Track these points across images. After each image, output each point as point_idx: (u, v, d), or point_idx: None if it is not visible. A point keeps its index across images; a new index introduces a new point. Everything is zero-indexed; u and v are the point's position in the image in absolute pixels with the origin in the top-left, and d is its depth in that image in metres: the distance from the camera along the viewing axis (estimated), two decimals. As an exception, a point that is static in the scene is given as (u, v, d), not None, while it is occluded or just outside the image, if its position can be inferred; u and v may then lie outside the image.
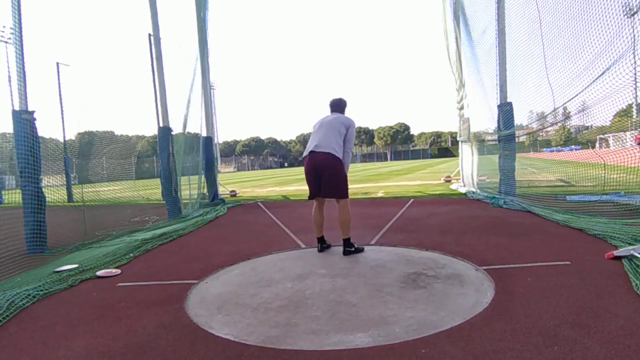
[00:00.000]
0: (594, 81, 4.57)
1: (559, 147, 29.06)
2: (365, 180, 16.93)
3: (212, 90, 12.50)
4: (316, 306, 2.62)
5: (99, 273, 3.69)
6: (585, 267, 3.02)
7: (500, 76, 7.39)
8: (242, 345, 2.12)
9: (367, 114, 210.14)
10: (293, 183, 17.82)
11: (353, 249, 3.83)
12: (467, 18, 8.85)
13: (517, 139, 7.47)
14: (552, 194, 7.11)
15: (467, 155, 10.10)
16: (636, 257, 2.95)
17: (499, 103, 7.45)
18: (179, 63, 9.10)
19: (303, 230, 5.25)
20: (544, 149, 31.48)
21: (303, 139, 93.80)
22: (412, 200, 8.15)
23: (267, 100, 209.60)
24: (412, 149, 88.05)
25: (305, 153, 3.99)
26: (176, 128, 7.85)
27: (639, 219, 4.38)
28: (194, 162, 9.13)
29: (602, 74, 4.38)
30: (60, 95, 15.64)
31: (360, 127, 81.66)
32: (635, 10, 4.05)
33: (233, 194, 12.74)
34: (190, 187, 9.12)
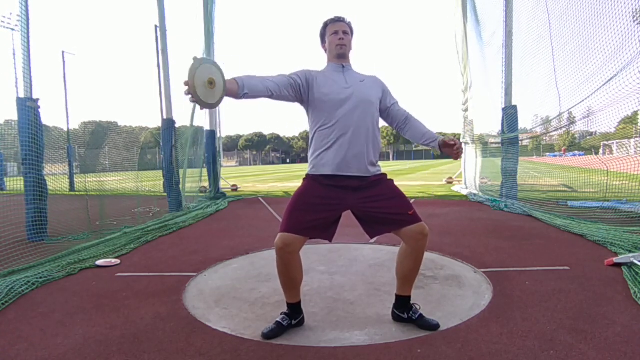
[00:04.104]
0: (600, 87, 4.55)
1: (561, 152, 28.97)
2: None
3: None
4: (314, 303, 2.62)
5: (99, 262, 3.70)
6: (584, 273, 3.02)
7: (506, 79, 7.36)
8: (239, 339, 2.13)
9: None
10: (294, 179, 17.82)
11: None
12: (478, 18, 8.78)
13: (520, 142, 7.45)
14: (554, 199, 7.09)
15: (470, 157, 10.08)
16: (636, 264, 2.94)
17: (503, 106, 7.42)
18: (185, 56, 9.11)
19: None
20: (547, 154, 31.39)
21: (306, 136, 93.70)
22: (413, 200, 8.13)
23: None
24: (414, 149, 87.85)
25: None
26: (180, 121, 7.85)
27: (640, 226, 4.36)
28: (197, 155, 9.14)
29: (609, 80, 4.35)
30: (65, 83, 15.68)
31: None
32: None
33: (234, 188, 12.75)
34: (200, 179, 9.15)
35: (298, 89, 2.10)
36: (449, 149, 2.14)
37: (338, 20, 2.20)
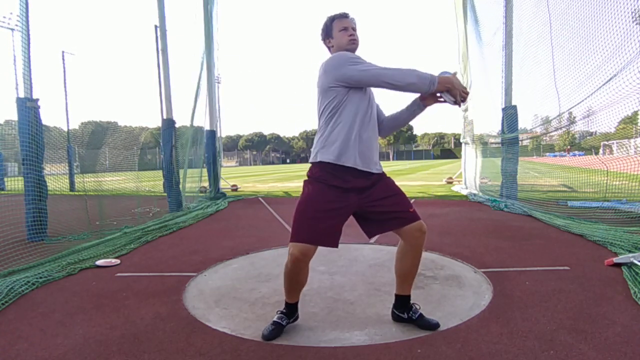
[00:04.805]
0: (600, 87, 4.54)
1: (562, 152, 28.99)
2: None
3: (217, 84, 12.48)
4: (314, 303, 2.62)
5: (99, 262, 3.70)
6: (584, 273, 3.02)
7: (505, 79, 7.36)
8: (239, 339, 2.13)
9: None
10: (294, 179, 17.83)
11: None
12: (477, 18, 8.78)
13: (520, 142, 7.45)
14: (554, 198, 7.09)
15: (470, 157, 10.08)
16: (636, 264, 2.94)
17: (503, 106, 7.42)
18: (185, 56, 9.11)
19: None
20: (547, 154, 31.41)
21: (306, 136, 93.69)
22: (413, 200, 8.12)
23: (271, 96, 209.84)
24: (414, 149, 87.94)
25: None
26: (180, 121, 7.85)
27: (640, 226, 4.36)
28: (196, 155, 9.14)
29: (609, 80, 4.35)
30: (65, 83, 15.69)
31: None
32: None
33: (234, 188, 12.75)
34: (200, 179, 9.16)
35: None
36: (431, 98, 2.11)
37: (346, 16, 2.18)
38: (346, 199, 2.07)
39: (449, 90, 1.99)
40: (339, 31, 2.15)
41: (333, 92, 2.05)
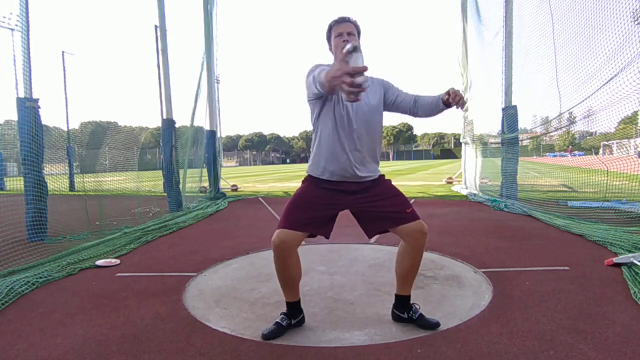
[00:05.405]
0: (600, 87, 4.54)
1: (563, 152, 28.99)
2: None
3: (216, 84, 12.48)
4: (314, 303, 2.62)
5: (99, 262, 3.70)
6: (584, 273, 3.02)
7: (505, 79, 7.36)
8: (239, 339, 2.13)
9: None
10: (294, 179, 17.82)
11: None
12: (480, 17, 8.77)
13: (520, 142, 7.45)
14: (554, 198, 7.09)
15: (470, 157, 10.08)
16: (636, 264, 2.94)
17: (503, 106, 7.42)
18: (185, 56, 9.11)
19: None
20: (547, 154, 31.42)
21: (306, 136, 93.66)
22: (413, 200, 8.15)
23: (271, 96, 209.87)
24: (414, 149, 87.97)
25: None
26: (180, 121, 7.85)
27: (640, 226, 4.36)
28: (196, 155, 9.14)
29: (609, 80, 4.35)
30: (65, 83, 15.69)
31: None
32: None
33: (234, 188, 12.75)
34: (200, 179, 9.17)
35: None
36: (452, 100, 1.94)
37: (342, 20, 2.10)
38: (335, 197, 2.12)
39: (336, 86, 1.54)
40: (335, 37, 2.09)
41: (311, 105, 2.12)
